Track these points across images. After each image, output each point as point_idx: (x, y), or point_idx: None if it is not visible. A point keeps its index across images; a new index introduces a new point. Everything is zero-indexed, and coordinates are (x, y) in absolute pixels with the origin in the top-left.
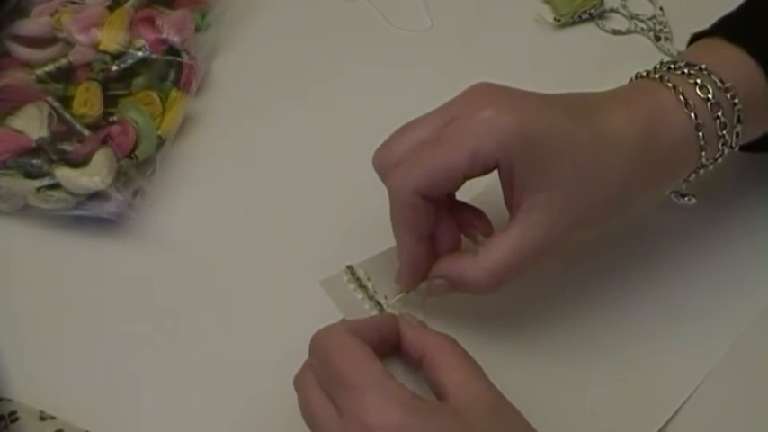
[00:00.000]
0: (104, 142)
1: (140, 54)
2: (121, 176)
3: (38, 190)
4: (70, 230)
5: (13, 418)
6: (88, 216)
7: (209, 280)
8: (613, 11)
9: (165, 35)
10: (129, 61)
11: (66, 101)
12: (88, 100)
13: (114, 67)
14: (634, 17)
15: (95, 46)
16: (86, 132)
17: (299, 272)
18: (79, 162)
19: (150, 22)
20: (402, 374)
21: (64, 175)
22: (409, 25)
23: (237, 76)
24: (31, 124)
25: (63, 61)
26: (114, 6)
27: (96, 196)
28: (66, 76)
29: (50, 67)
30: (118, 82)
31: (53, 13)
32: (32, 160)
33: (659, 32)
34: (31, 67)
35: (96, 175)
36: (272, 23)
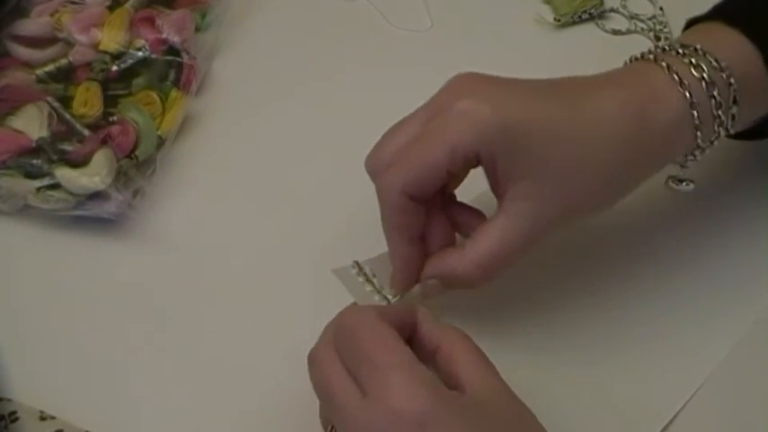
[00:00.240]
0: (104, 142)
1: (140, 54)
2: (121, 176)
3: (38, 190)
4: (70, 230)
5: (13, 418)
6: (88, 216)
7: (209, 280)
8: (613, 11)
9: (165, 35)
10: (129, 61)
11: (66, 101)
12: (88, 100)
13: (114, 67)
14: (634, 17)
15: (95, 46)
16: (86, 132)
17: (299, 272)
18: (79, 162)
19: (150, 22)
20: None
21: (64, 175)
22: (409, 25)
23: (237, 76)
24: (31, 124)
25: (63, 61)
26: (114, 6)
27: (96, 196)
28: (66, 76)
29: (50, 67)
30: (118, 82)
31: (53, 13)
32: (32, 160)
33: (659, 32)
34: (31, 67)
35: (96, 175)
36: (272, 23)
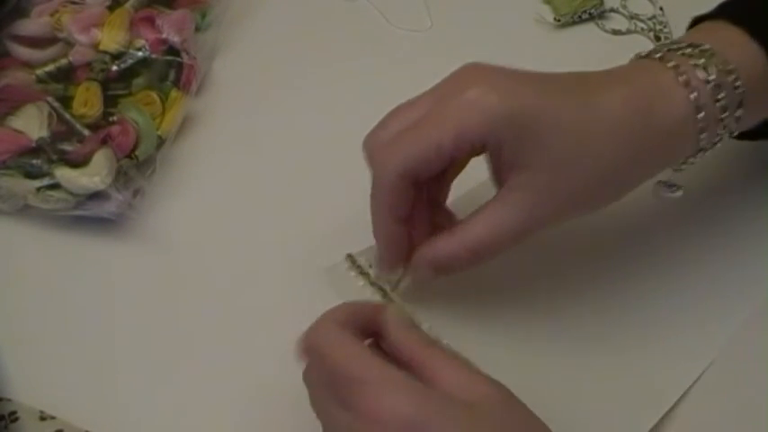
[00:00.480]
0: (104, 142)
1: (140, 54)
2: (121, 176)
3: (38, 190)
4: (70, 230)
5: (13, 418)
6: (88, 216)
7: (209, 280)
8: (613, 11)
9: (165, 35)
10: (129, 61)
11: (67, 101)
12: (88, 100)
13: (114, 67)
14: (634, 17)
15: (95, 46)
16: (86, 132)
17: (299, 271)
18: (79, 162)
19: (150, 22)
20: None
21: (64, 175)
22: (409, 25)
23: (237, 76)
24: (31, 124)
25: (63, 61)
26: (114, 6)
27: (96, 196)
28: (66, 76)
29: (50, 67)
30: (118, 82)
31: (53, 13)
32: (32, 160)
33: (659, 32)
34: (31, 67)
35: (96, 175)
36: (272, 23)
